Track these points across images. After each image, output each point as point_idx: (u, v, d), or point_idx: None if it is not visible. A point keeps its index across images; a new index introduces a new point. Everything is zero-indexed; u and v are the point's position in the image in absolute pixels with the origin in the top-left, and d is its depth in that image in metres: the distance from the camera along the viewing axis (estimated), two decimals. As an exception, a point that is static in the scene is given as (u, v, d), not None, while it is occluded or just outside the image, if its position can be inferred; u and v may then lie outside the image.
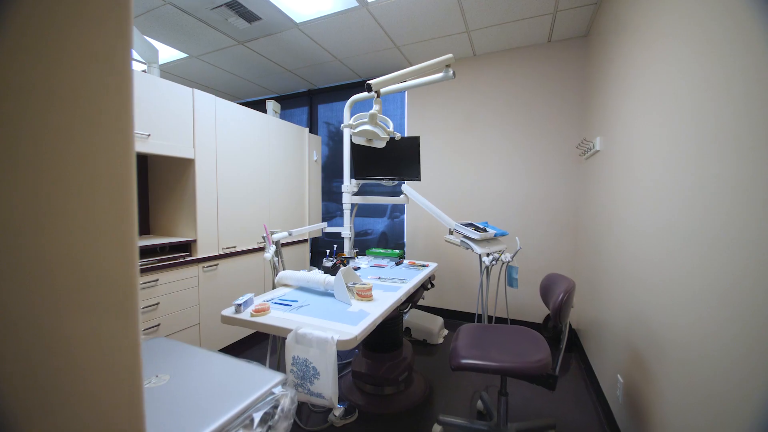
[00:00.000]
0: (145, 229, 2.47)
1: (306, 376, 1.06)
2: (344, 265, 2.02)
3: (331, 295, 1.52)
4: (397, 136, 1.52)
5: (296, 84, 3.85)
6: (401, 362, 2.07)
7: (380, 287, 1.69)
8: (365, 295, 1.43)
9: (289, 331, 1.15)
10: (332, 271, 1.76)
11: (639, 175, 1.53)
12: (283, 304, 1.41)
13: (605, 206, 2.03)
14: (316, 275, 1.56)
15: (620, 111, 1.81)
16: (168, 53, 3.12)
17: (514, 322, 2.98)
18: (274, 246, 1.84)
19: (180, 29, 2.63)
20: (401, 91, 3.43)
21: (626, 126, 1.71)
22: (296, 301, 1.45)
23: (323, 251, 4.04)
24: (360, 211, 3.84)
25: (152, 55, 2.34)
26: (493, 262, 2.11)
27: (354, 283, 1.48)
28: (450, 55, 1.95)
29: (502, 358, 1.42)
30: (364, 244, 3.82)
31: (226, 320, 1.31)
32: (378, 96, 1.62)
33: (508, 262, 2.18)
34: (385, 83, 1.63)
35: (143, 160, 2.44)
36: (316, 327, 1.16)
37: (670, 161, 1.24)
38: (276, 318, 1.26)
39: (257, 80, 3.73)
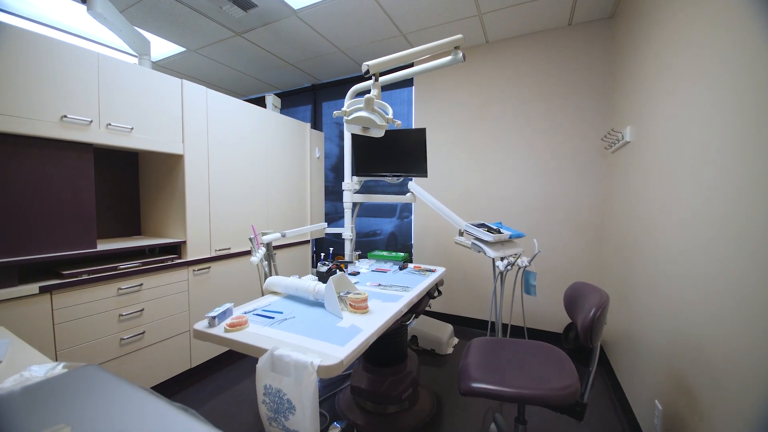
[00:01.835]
0: (136, 230, 2.34)
1: (280, 409, 0.87)
2: (342, 270, 1.83)
3: (322, 305, 1.33)
4: (397, 123, 1.32)
5: (299, 78, 3.69)
6: (405, 377, 1.87)
7: (379, 296, 1.49)
8: (359, 306, 1.24)
9: (264, 351, 0.97)
10: (326, 277, 1.58)
11: (679, 166, 1.31)
12: (265, 317, 1.23)
13: (637, 203, 1.79)
14: (305, 282, 1.38)
15: (654, 97, 1.58)
16: (166, 48, 3.00)
17: (530, 331, 2.74)
18: (263, 248, 1.67)
19: (173, 20, 2.50)
20: (409, 81, 3.24)
21: (662, 113, 1.49)
22: (281, 313, 1.27)
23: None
24: (369, 210, 3.66)
25: (143, 46, 2.21)
26: (508, 267, 1.89)
27: (347, 292, 1.29)
28: (460, 36, 1.74)
29: (521, 382, 1.21)
30: (372, 245, 3.63)
31: (198, 335, 1.14)
32: (376, 79, 1.43)
33: (526, 266, 1.95)
34: (385, 65, 1.44)
35: (134, 157, 2.32)
36: (297, 347, 0.98)
37: (717, 151, 1.02)
38: (252, 334, 1.08)
39: (258, 75, 3.59)
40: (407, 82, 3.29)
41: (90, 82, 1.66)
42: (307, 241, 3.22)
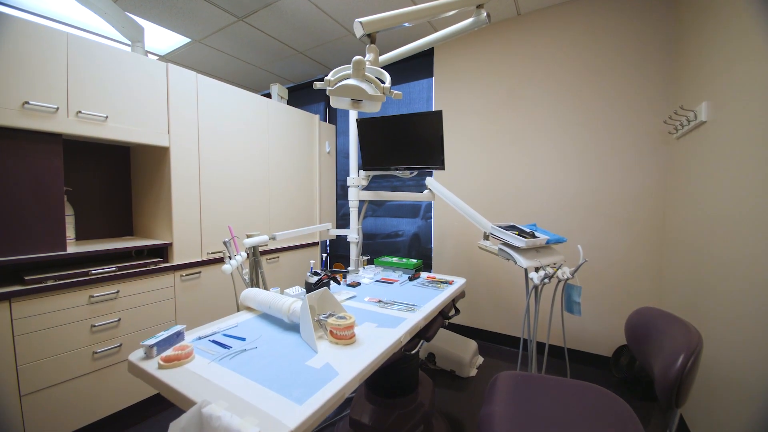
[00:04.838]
0: (128, 231, 2.18)
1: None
2: (336, 281, 1.54)
3: (298, 329, 1.04)
4: (396, 95, 1.01)
5: (310, 69, 3.45)
6: (416, 410, 1.54)
7: (375, 318, 1.17)
8: (342, 336, 0.93)
9: (194, 403, 0.69)
10: (314, 290, 1.29)
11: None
12: (220, 345, 0.95)
13: (713, 200, 1.35)
14: (280, 299, 1.09)
15: (743, 59, 1.16)
16: (172, 39, 2.87)
17: (571, 353, 2.31)
18: (244, 254, 1.41)
19: (171, 6, 2.32)
20: (428, 72, 2.89)
21: (754, 78, 1.06)
22: (244, 339, 0.99)
23: (341, 255, 3.61)
24: (390, 210, 3.35)
25: (136, 33, 2.04)
26: (545, 281, 1.51)
27: (329, 314, 0.99)
28: (483, -9, 1.40)
29: (566, 453, 0.85)
30: (393, 247, 3.31)
31: (133, 370, 0.88)
32: (372, 41, 1.13)
33: (568, 279, 1.56)
34: (382, 22, 1.13)
35: (125, 151, 2.16)
36: (239, 402, 0.69)
37: None
38: (190, 374, 0.80)
39: (269, 67, 3.39)
40: (426, 72, 2.95)
41: (57, 65, 1.47)
42: (316, 243, 2.97)
